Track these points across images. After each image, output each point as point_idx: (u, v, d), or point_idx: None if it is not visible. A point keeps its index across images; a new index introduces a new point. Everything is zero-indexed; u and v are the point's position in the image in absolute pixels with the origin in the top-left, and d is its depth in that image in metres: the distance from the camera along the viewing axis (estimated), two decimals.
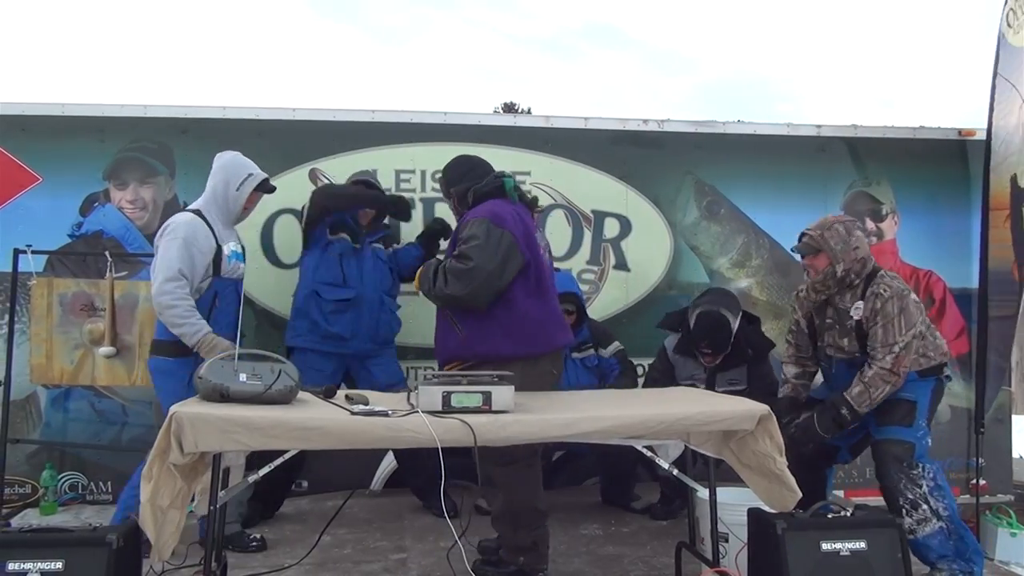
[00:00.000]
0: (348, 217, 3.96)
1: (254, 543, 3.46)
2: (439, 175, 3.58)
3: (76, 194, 4.27)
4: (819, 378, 3.71)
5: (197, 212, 3.40)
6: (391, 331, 4.06)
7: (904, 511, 3.18)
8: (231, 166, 3.49)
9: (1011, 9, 4.49)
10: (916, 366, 3.30)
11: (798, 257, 3.64)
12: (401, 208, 4.16)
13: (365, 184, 4.11)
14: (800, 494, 2.67)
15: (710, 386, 3.89)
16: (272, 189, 3.63)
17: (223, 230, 3.43)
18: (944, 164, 4.92)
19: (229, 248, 3.42)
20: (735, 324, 3.89)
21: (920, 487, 3.20)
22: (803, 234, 3.44)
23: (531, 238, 3.13)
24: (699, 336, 3.86)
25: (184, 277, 3.25)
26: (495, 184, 3.19)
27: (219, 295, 3.37)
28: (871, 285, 3.29)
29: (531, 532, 3.08)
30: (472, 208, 3.16)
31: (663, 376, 4.04)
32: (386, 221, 4.18)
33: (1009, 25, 4.50)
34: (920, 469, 3.22)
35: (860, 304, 3.30)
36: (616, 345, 4.25)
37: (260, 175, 3.52)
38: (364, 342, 3.91)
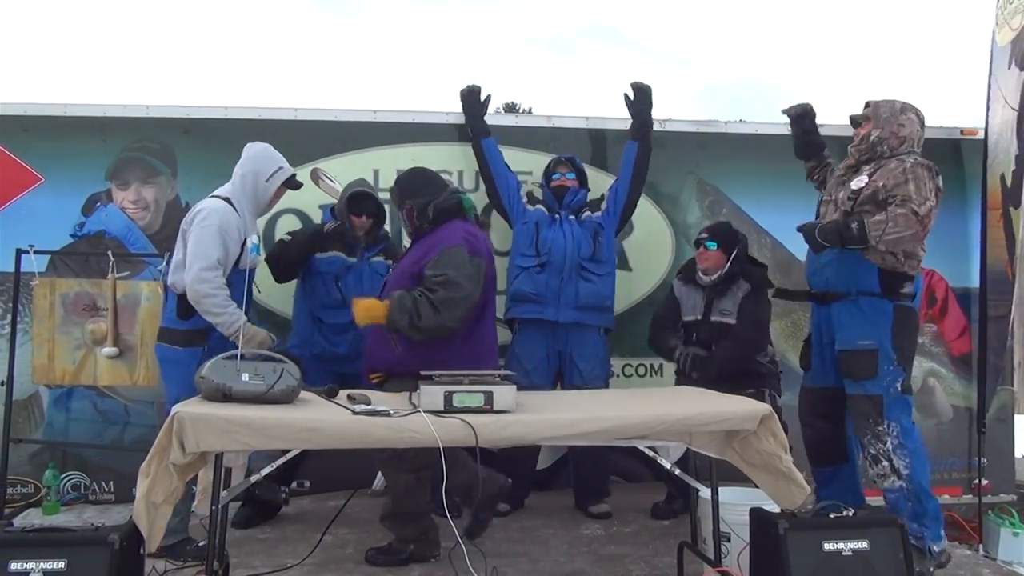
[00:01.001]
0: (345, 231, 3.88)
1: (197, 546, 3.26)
2: (393, 187, 3.44)
3: (78, 194, 4.28)
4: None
5: (227, 200, 3.36)
6: None
7: (868, 463, 3.26)
8: (262, 158, 3.46)
9: (1001, 9, 4.50)
10: (895, 263, 3.23)
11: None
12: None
13: (361, 195, 3.88)
14: (808, 489, 2.72)
15: (706, 316, 3.95)
16: (299, 185, 3.60)
17: (248, 220, 3.41)
18: (946, 163, 4.91)
19: (252, 240, 3.41)
20: (737, 242, 3.99)
21: (884, 443, 3.22)
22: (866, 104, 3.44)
23: (492, 265, 3.26)
24: (701, 230, 4.05)
25: (221, 266, 3.22)
26: (453, 201, 3.24)
27: (233, 285, 3.31)
28: (900, 157, 3.26)
29: (417, 526, 3.23)
30: (433, 224, 3.19)
31: (669, 315, 4.11)
32: (387, 227, 4.15)
33: (997, 24, 4.51)
34: (885, 425, 3.22)
35: (864, 177, 3.27)
36: None
37: (290, 169, 3.51)
38: None
